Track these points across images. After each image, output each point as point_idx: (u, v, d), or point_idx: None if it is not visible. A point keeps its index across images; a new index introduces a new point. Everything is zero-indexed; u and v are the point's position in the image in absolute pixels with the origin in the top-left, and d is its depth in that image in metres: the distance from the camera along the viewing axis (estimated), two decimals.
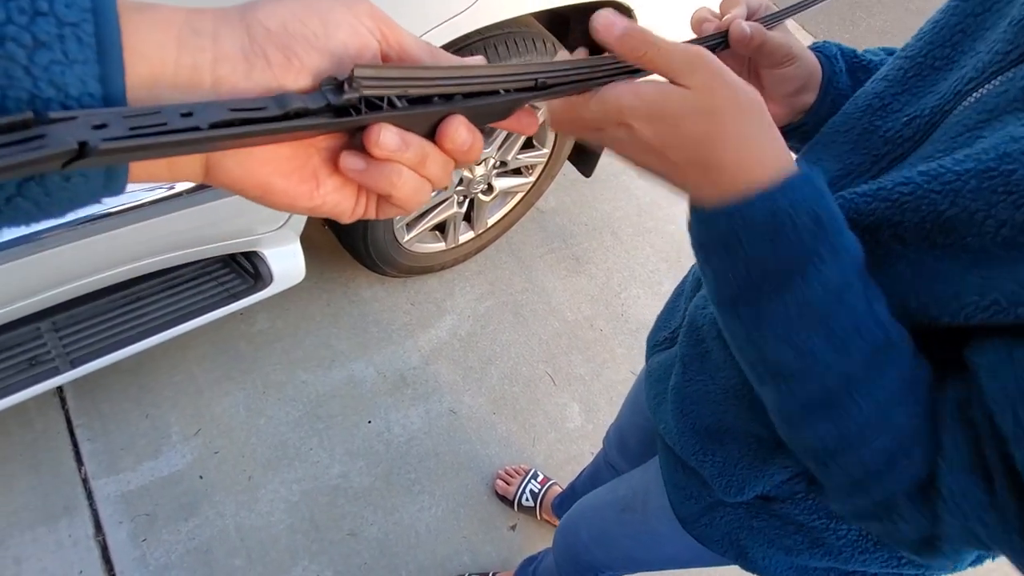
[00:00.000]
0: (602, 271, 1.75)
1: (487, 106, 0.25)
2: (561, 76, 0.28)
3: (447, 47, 1.05)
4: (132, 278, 1.05)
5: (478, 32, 1.07)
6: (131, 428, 1.25)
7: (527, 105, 0.28)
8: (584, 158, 1.61)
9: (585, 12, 1.34)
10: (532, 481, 1.32)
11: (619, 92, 0.29)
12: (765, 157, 0.31)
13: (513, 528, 1.32)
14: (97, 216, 0.85)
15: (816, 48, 0.51)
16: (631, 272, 1.77)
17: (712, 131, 0.30)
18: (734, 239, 0.31)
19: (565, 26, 1.46)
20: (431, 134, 0.24)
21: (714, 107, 0.29)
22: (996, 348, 0.29)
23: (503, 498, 1.32)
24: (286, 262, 1.16)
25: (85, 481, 1.18)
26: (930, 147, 0.36)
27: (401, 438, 1.36)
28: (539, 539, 1.31)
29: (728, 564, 0.60)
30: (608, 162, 2.04)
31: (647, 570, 0.82)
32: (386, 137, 0.22)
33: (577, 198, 1.89)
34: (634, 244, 1.84)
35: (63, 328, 1.03)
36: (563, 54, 0.33)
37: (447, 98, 0.24)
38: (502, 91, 0.25)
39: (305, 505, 1.24)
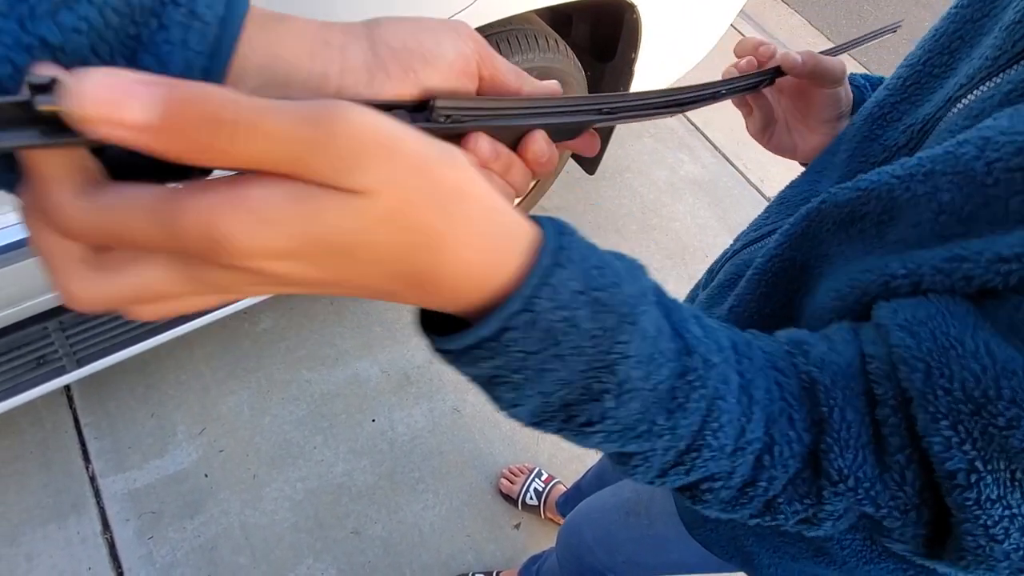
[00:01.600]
0: None
1: (563, 124, 0.29)
2: (625, 103, 0.31)
3: None
4: None
5: (479, 30, 1.07)
6: (137, 426, 1.26)
7: (591, 129, 0.31)
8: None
9: (587, 9, 1.34)
10: (536, 479, 1.32)
11: (204, 206, 0.15)
12: (500, 249, 0.21)
13: (517, 527, 1.32)
14: None
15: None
16: None
17: (415, 241, 0.18)
18: (507, 371, 0.23)
19: (568, 23, 1.45)
20: (513, 148, 0.27)
21: (408, 208, 0.18)
22: (915, 307, 0.27)
23: (507, 497, 1.32)
24: None
25: (92, 479, 1.19)
26: None
27: (405, 437, 1.37)
28: (543, 538, 1.30)
29: (735, 571, 0.60)
30: (612, 159, 2.03)
31: (652, 575, 0.81)
32: (481, 145, 0.24)
33: (581, 195, 1.88)
34: (639, 241, 1.83)
35: (70, 327, 1.04)
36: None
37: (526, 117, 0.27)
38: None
39: (309, 503, 1.24)
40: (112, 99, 0.14)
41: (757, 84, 0.45)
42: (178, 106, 0.14)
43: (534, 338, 0.22)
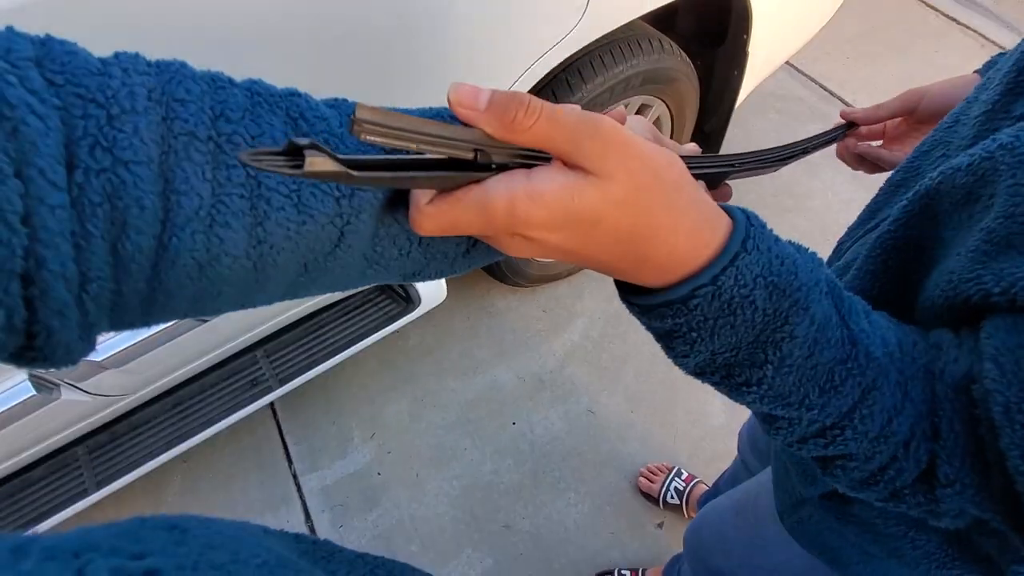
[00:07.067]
0: None
1: (707, 176, 0.37)
2: (752, 160, 0.40)
3: (556, 70, 1.09)
4: (316, 310, 1.27)
5: (584, 50, 1.10)
6: (323, 432, 1.50)
7: (724, 182, 0.40)
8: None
9: (697, 1, 1.30)
10: (676, 479, 1.32)
11: (510, 197, 0.24)
12: (703, 234, 0.27)
13: (660, 525, 1.33)
14: None
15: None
16: None
17: (640, 223, 0.25)
18: (686, 329, 0.28)
19: (671, 18, 1.43)
20: None
21: (638, 195, 0.25)
22: (1008, 332, 0.27)
23: (647, 495, 1.34)
24: (431, 284, 1.31)
25: (295, 477, 1.45)
26: None
27: (543, 438, 1.45)
28: None
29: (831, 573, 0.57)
30: (733, 140, 1.93)
31: None
32: None
33: None
34: (773, 225, 1.72)
35: (273, 354, 1.27)
36: None
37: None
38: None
39: (465, 499, 1.38)
40: (469, 93, 0.23)
41: (834, 138, 0.59)
42: (501, 97, 0.23)
43: (715, 307, 0.27)
